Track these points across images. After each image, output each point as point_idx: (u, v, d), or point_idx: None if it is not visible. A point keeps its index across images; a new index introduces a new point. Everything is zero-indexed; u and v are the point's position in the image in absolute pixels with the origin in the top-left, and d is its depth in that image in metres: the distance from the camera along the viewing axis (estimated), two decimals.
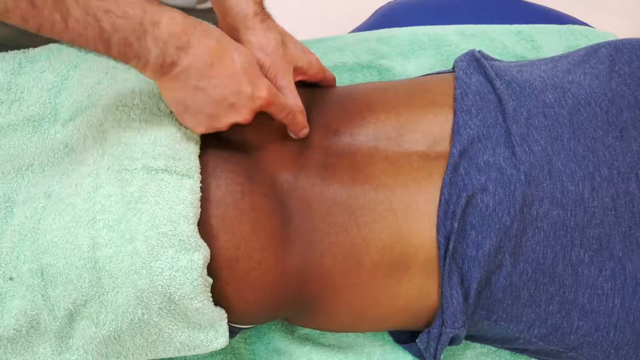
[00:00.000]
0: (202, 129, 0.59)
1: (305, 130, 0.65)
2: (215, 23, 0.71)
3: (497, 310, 0.63)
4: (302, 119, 0.64)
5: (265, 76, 0.66)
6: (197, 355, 0.71)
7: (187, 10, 0.84)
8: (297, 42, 0.70)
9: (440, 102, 0.66)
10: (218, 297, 0.59)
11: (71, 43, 0.52)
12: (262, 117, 0.62)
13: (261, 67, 0.66)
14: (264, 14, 0.67)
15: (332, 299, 0.64)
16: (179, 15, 0.55)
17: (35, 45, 0.70)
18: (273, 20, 0.68)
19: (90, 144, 0.61)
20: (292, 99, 0.65)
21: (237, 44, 0.59)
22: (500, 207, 0.60)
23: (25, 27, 0.50)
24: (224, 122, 0.59)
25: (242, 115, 0.59)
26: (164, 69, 0.55)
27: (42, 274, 0.56)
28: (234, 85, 0.57)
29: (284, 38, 0.67)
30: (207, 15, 0.76)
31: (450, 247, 0.60)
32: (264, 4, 0.68)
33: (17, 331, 0.57)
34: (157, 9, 0.53)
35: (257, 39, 0.66)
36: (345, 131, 0.66)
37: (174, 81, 0.56)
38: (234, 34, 0.67)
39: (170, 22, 0.54)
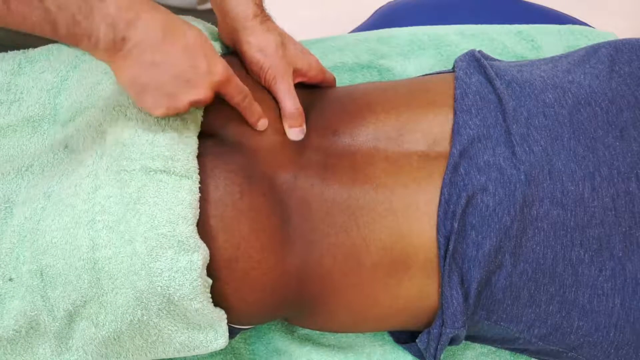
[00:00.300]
0: (162, 110, 0.57)
1: (263, 121, 0.63)
2: (215, 24, 0.71)
3: (497, 310, 0.62)
4: (258, 107, 0.63)
5: (265, 78, 0.66)
6: (197, 355, 0.71)
7: (188, 11, 0.84)
8: (297, 43, 0.70)
9: (440, 102, 0.66)
10: (218, 298, 0.59)
11: (17, 28, 0.50)
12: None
13: (260, 68, 0.66)
14: (263, 16, 0.67)
15: (332, 299, 0.64)
16: None
17: (35, 46, 0.70)
18: (273, 22, 0.68)
19: (89, 145, 0.60)
20: (291, 100, 0.65)
21: (187, 21, 0.58)
22: (501, 207, 0.60)
23: None
24: (183, 100, 0.57)
25: (201, 93, 0.57)
26: (116, 46, 0.53)
27: (41, 274, 0.56)
28: (188, 60, 0.56)
29: (283, 39, 0.67)
30: (208, 16, 0.76)
31: (450, 247, 0.60)
32: (263, 5, 0.68)
33: (17, 332, 0.57)
34: None
35: (256, 40, 0.65)
36: (345, 131, 0.66)
37: (127, 59, 0.54)
38: (234, 35, 0.67)
39: None
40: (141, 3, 0.54)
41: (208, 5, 0.85)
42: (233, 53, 0.70)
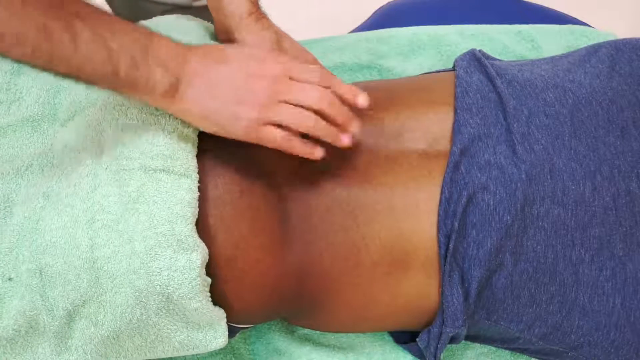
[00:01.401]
0: (245, 123, 0.56)
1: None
2: (211, 21, 0.71)
3: (498, 310, 0.62)
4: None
5: None
6: (196, 355, 0.71)
7: (184, 8, 0.84)
8: (294, 41, 0.69)
9: (440, 100, 0.66)
10: (217, 297, 0.59)
11: (77, 72, 0.51)
12: None
13: None
14: (258, 13, 0.67)
15: (332, 298, 0.64)
16: (164, 38, 0.55)
17: None
18: (268, 20, 0.67)
19: (88, 144, 0.60)
20: None
21: (220, 45, 0.59)
22: (501, 206, 0.60)
23: (35, 60, 0.49)
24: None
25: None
26: (172, 88, 0.54)
27: (40, 274, 0.56)
28: (241, 82, 0.56)
29: (279, 37, 0.67)
30: (203, 13, 0.75)
31: (451, 246, 0.60)
32: (259, 3, 0.68)
33: (16, 331, 0.57)
34: (144, 30, 0.54)
35: (251, 38, 0.65)
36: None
37: (184, 102, 0.55)
38: (229, 33, 0.67)
39: (161, 41, 0.54)
40: (182, 46, 0.55)
41: (203, 2, 0.85)
42: None
